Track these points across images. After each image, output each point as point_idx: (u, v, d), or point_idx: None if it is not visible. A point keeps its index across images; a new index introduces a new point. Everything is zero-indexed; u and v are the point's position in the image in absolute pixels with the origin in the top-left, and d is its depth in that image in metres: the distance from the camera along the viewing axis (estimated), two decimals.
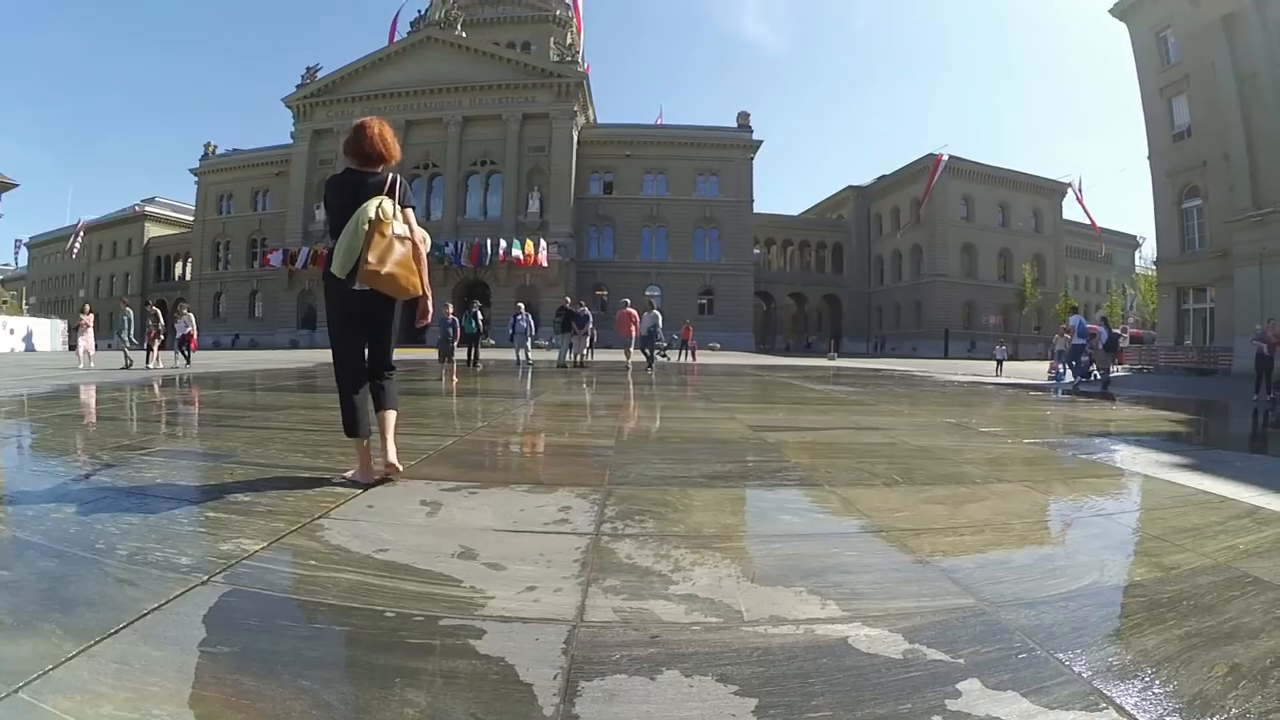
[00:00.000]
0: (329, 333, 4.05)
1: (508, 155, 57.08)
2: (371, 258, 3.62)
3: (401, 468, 4.14)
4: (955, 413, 9.92)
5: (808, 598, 2.44)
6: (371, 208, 3.68)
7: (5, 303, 19.55)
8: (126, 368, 17.72)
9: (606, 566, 2.70)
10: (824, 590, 2.50)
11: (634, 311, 20.17)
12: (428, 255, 4.13)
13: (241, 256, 65.52)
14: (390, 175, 3.93)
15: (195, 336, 21.66)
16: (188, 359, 20.02)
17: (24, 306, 57.47)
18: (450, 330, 15.44)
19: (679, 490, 4.09)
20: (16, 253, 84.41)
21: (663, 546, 2.96)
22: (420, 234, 3.95)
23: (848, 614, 2.30)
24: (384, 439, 4.04)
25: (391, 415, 4.10)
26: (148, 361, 18.86)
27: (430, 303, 4.05)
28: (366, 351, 4.03)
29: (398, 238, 3.74)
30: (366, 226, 3.64)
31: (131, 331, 20.33)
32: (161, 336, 19.93)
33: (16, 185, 50.09)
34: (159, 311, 20.22)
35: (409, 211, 3.90)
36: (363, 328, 3.96)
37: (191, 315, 21.11)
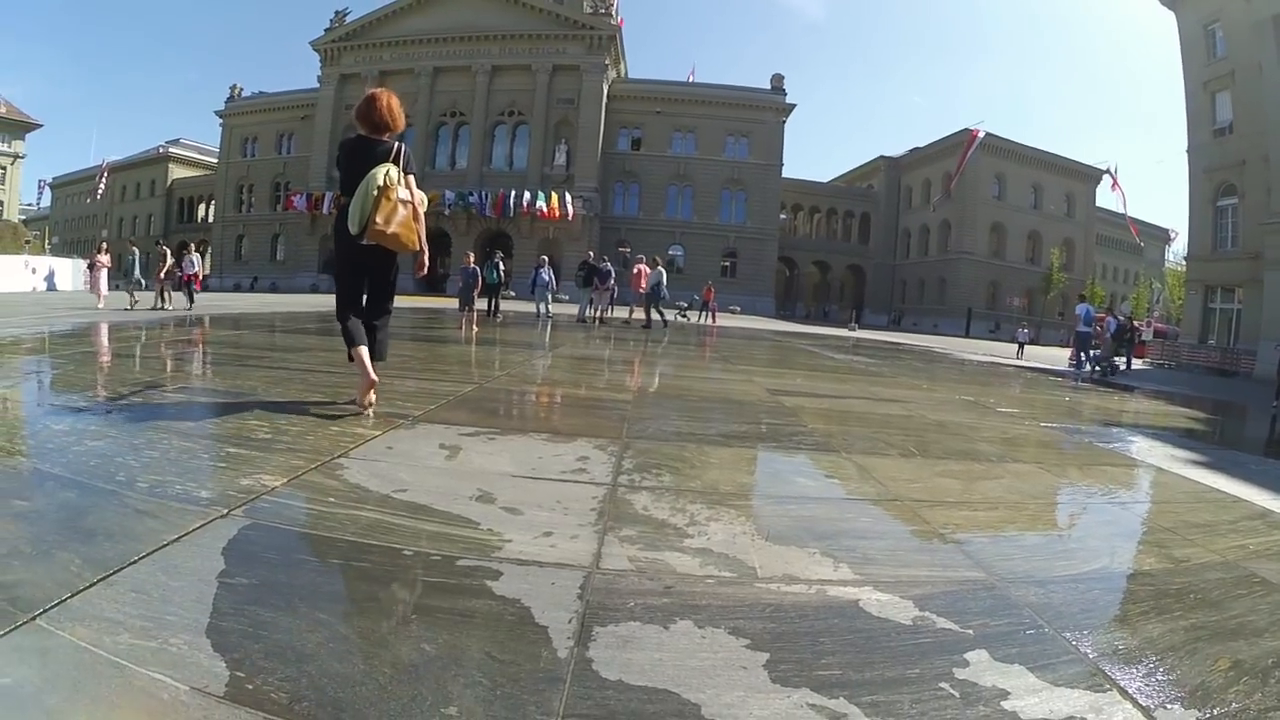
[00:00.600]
0: (335, 275, 4.64)
1: (535, 106, 56.49)
2: (379, 219, 4.11)
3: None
4: (973, 391, 9.89)
5: (821, 559, 2.45)
6: (380, 174, 4.15)
7: (29, 242, 19.43)
8: (132, 308, 17.21)
9: (623, 516, 2.72)
10: (837, 553, 2.51)
11: (646, 269, 20.20)
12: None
13: (265, 200, 65.40)
14: (396, 143, 4.42)
15: (200, 277, 21.48)
16: (190, 300, 19.68)
17: (47, 246, 57.89)
18: (471, 279, 15.41)
19: (696, 447, 4.10)
20: (40, 193, 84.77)
21: (679, 500, 2.98)
22: (419, 196, 4.42)
23: (860, 578, 2.31)
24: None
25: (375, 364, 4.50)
26: (158, 302, 18.65)
27: (426, 257, 4.69)
28: (365, 296, 4.59)
29: (401, 201, 4.20)
30: (375, 192, 4.11)
31: (139, 271, 19.93)
32: (172, 277, 19.70)
33: (40, 125, 50.27)
34: (168, 251, 19.91)
35: (410, 177, 4.35)
36: (364, 275, 4.51)
37: (198, 256, 20.80)
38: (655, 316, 19.59)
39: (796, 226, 71.11)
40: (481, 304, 19.03)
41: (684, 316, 30.40)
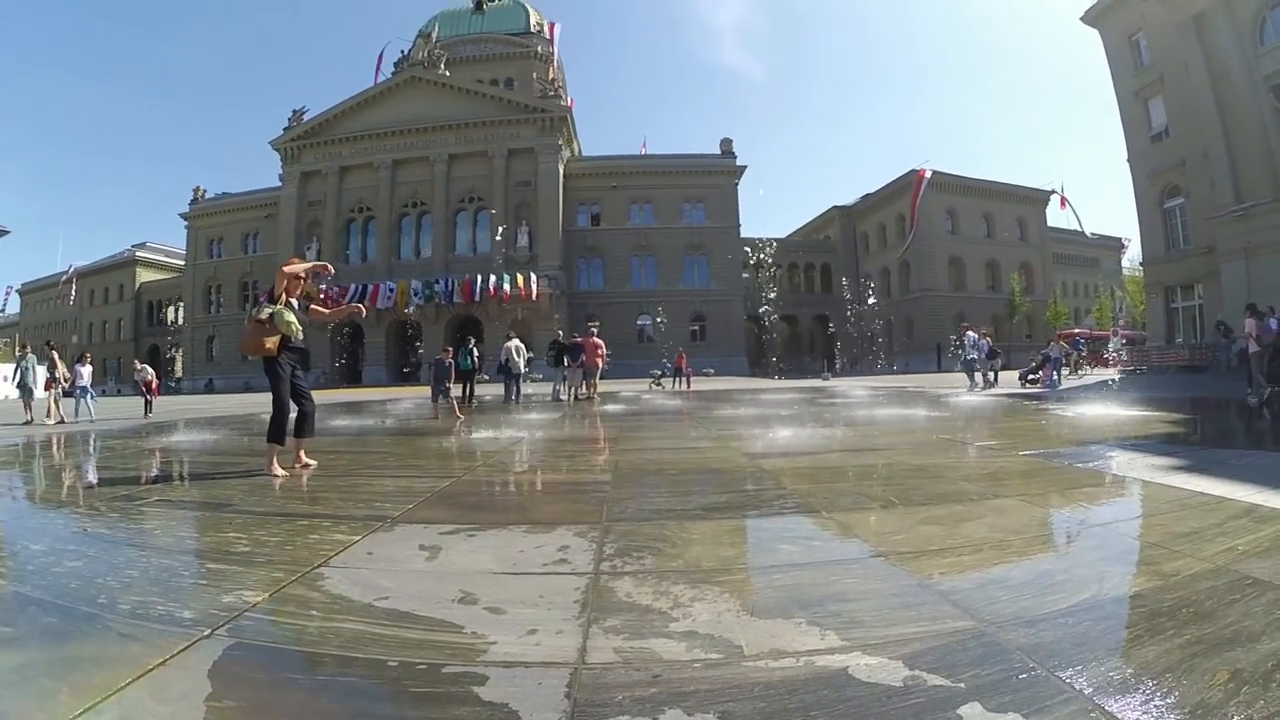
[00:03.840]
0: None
1: (495, 191, 57.34)
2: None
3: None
4: (948, 428, 9.96)
5: (807, 629, 2.45)
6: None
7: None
8: (28, 423, 15.97)
9: (606, 606, 2.71)
10: (823, 620, 2.52)
11: (599, 342, 20.56)
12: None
13: (234, 299, 65.42)
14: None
15: (153, 384, 20.75)
16: (148, 409, 19.12)
17: (17, 352, 57.25)
18: (441, 370, 15.43)
19: (676, 524, 4.09)
20: (6, 299, 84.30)
21: (662, 583, 2.97)
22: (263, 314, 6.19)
23: (847, 643, 2.32)
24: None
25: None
26: (47, 415, 16.76)
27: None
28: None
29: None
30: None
31: (32, 380, 17.67)
32: (61, 384, 17.92)
33: (8, 232, 50.27)
34: (55, 355, 18.23)
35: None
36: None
37: (89, 368, 18.73)
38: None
39: (761, 284, 72.02)
40: (458, 390, 18.99)
41: (659, 385, 30.44)
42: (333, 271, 6.80)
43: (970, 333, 22.74)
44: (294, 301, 6.34)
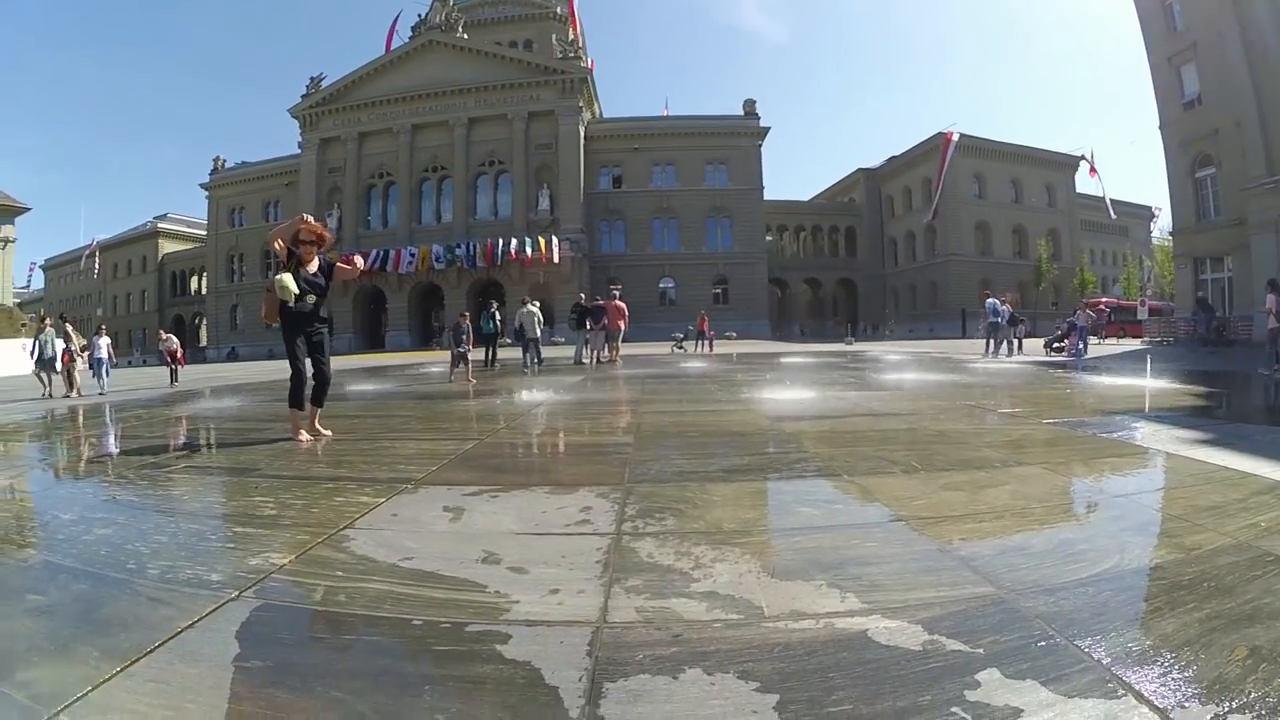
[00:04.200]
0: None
1: (515, 154, 57.02)
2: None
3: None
4: (972, 395, 9.89)
5: (827, 591, 2.46)
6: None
7: (24, 325, 18.96)
8: (47, 396, 15.82)
9: (628, 566, 2.73)
10: (843, 583, 2.52)
11: (622, 305, 20.65)
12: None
13: (256, 268, 65.70)
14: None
15: (178, 353, 20.96)
16: (174, 378, 19.32)
17: (37, 327, 58.18)
18: (464, 335, 15.43)
19: (698, 486, 4.11)
20: (30, 275, 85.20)
21: (683, 544, 2.99)
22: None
23: (867, 606, 2.32)
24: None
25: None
26: (66, 389, 16.48)
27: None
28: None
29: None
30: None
31: (52, 352, 16.97)
32: (79, 358, 17.38)
33: (29, 209, 50.82)
34: (70, 329, 17.67)
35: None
36: None
37: (106, 339, 18.38)
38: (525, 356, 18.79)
39: (784, 247, 71.46)
40: (478, 354, 19.01)
41: (681, 348, 30.40)
42: (308, 219, 6.66)
43: (992, 299, 22.54)
44: (308, 268, 6.34)
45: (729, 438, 6.27)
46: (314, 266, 6.38)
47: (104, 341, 18.05)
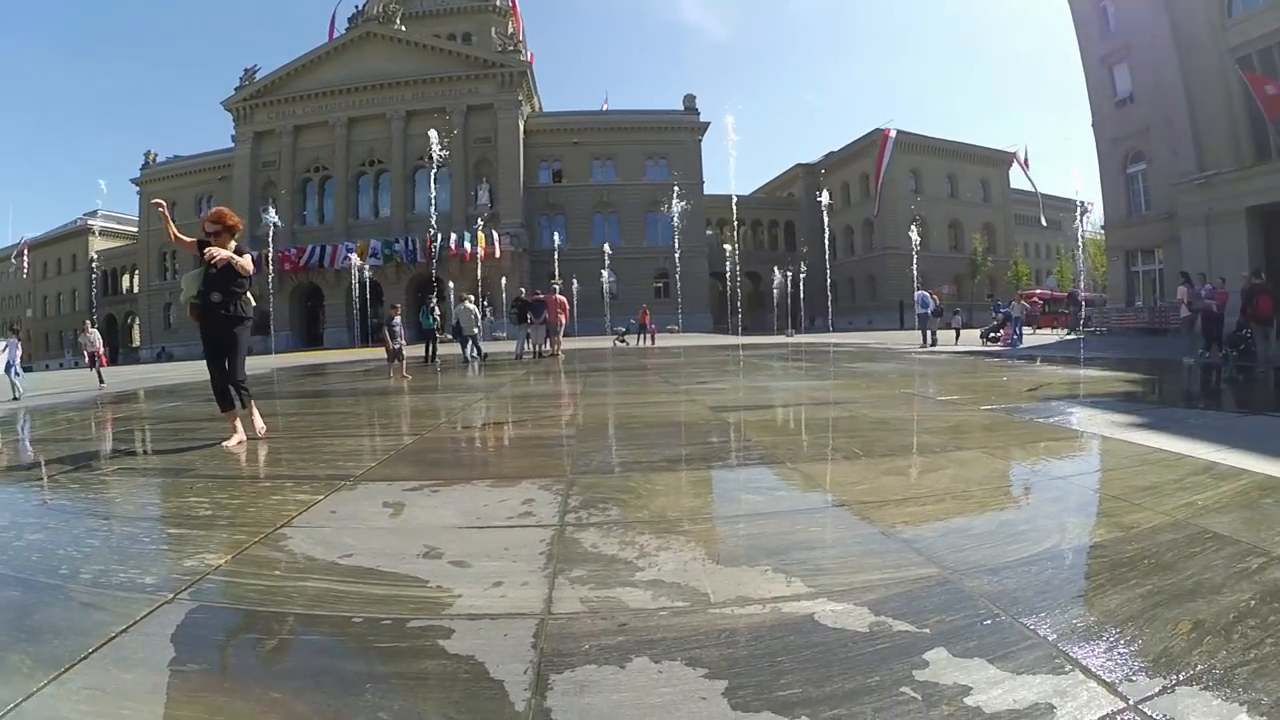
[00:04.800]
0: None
1: (454, 148, 56.31)
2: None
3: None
4: (909, 384, 10.07)
5: (773, 576, 2.47)
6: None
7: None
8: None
9: (572, 557, 2.71)
10: (789, 568, 2.54)
11: (563, 299, 20.98)
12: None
13: (189, 265, 63.17)
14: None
15: (101, 353, 19.83)
16: (100, 379, 18.25)
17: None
18: (396, 330, 15.17)
19: (641, 476, 4.11)
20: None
21: (628, 534, 2.98)
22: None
23: (813, 590, 2.34)
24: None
25: None
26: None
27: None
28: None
29: None
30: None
31: None
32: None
33: None
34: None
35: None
36: None
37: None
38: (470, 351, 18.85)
39: (724, 240, 71.96)
40: (413, 351, 18.72)
41: (623, 342, 30.41)
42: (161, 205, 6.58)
43: (921, 291, 23.85)
44: (218, 262, 5.69)
45: (672, 428, 6.30)
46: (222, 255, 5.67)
47: (11, 343, 16.60)
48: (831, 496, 3.57)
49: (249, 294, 5.99)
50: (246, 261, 5.77)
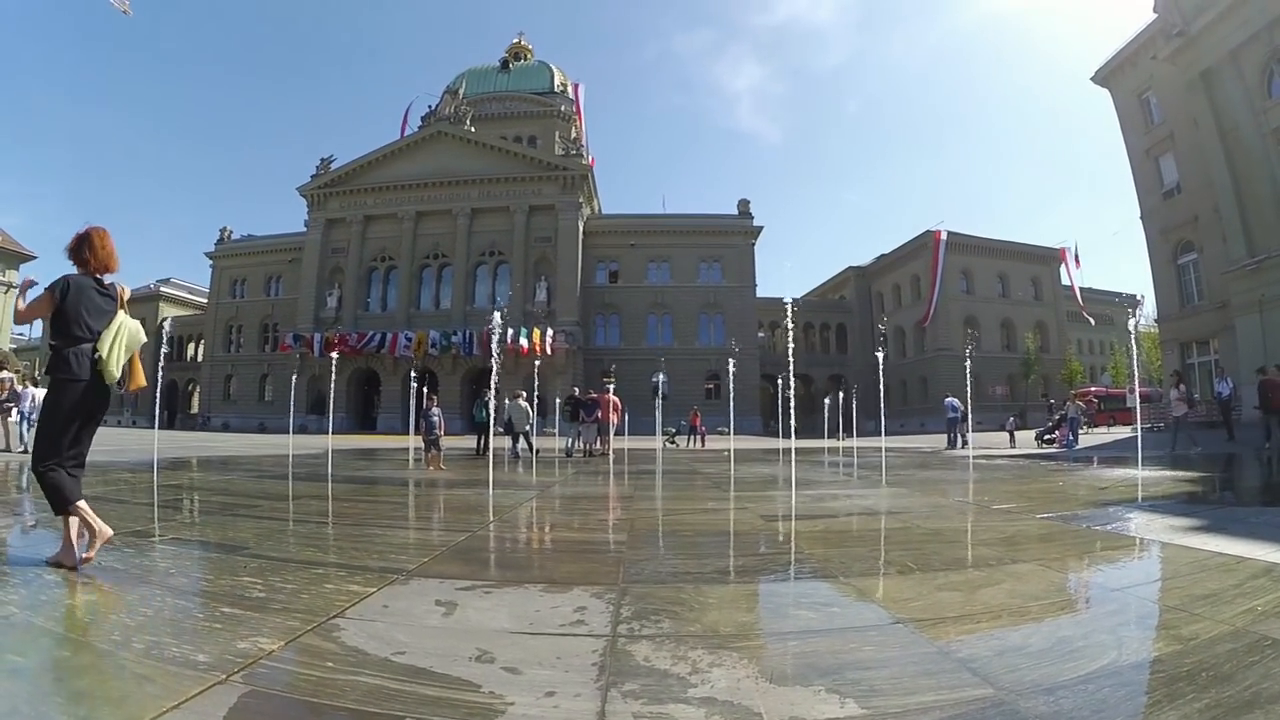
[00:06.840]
0: (55, 420, 4.07)
1: (515, 245, 58.02)
2: (141, 375, 4.44)
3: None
4: (964, 491, 9.87)
5: (826, 696, 2.42)
6: (135, 326, 4.32)
7: (18, 371, 18.74)
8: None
9: (624, 670, 2.69)
10: (842, 688, 2.49)
11: (615, 399, 20.86)
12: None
13: (253, 340, 65.99)
14: (119, 287, 4.41)
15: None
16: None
17: (37, 377, 58.21)
18: (435, 422, 15.38)
19: (694, 587, 4.07)
20: (30, 325, 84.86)
21: (680, 647, 2.95)
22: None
23: (867, 712, 2.29)
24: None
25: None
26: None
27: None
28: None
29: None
30: (138, 345, 4.32)
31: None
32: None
33: (35, 257, 51.50)
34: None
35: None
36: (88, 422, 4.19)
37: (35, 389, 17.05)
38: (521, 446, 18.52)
39: (776, 343, 72.16)
40: (450, 442, 18.79)
41: (673, 443, 30.34)
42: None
43: (950, 398, 25.43)
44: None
45: (722, 537, 6.26)
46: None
47: (35, 393, 16.49)
48: (885, 613, 3.50)
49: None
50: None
